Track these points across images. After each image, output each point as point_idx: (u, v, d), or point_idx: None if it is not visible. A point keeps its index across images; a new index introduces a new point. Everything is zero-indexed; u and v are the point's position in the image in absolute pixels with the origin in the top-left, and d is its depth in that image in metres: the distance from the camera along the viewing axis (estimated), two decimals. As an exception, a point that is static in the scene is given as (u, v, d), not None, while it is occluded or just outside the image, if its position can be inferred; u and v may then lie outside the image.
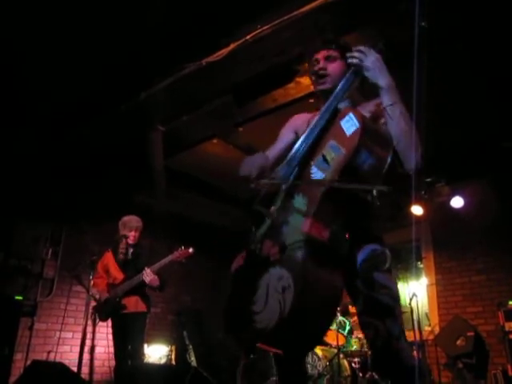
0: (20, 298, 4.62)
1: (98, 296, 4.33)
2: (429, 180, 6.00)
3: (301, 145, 1.81)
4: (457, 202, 5.80)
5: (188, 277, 7.05)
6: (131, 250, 4.27)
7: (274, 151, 2.09)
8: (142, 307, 4.04)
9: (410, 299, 5.03)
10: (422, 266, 6.59)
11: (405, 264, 6.04)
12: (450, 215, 6.05)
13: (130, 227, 4.27)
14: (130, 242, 4.25)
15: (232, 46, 3.62)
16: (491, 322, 5.57)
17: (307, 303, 1.45)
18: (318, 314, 1.50)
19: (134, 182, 5.60)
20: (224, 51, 3.65)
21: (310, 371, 4.74)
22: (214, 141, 5.24)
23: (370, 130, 1.64)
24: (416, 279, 6.28)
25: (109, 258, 4.32)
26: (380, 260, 1.65)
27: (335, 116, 1.73)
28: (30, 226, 5.09)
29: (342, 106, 1.82)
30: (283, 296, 1.45)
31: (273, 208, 1.74)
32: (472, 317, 5.73)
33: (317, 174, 1.67)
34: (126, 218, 4.35)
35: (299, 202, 1.67)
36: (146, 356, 4.22)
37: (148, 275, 3.87)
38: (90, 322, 4.64)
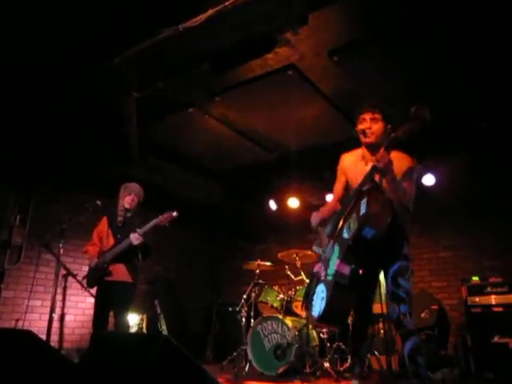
0: (-14, 265, 4.51)
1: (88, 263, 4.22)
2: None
3: (339, 212, 2.77)
4: (428, 179, 5.90)
5: (160, 247, 7.00)
6: (126, 216, 4.16)
7: (336, 193, 2.99)
8: (127, 277, 3.96)
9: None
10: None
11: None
12: (421, 192, 6.13)
13: (129, 191, 4.19)
14: (126, 205, 4.15)
15: (210, 11, 3.50)
16: (454, 297, 5.79)
17: (332, 309, 2.51)
18: (339, 314, 2.59)
19: (107, 149, 5.47)
20: (202, 17, 3.53)
21: (279, 341, 4.84)
22: (190, 110, 5.14)
23: (372, 213, 2.48)
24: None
25: (104, 225, 4.23)
26: (404, 271, 2.61)
27: (361, 195, 2.57)
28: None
29: (365, 188, 2.61)
30: (322, 302, 2.54)
31: (323, 250, 2.85)
32: (437, 291, 5.94)
33: (345, 234, 2.60)
34: (128, 183, 4.28)
35: (336, 249, 2.63)
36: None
37: (136, 238, 3.82)
38: (59, 291, 4.59)
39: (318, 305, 2.55)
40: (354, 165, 2.84)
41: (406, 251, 2.67)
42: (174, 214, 3.86)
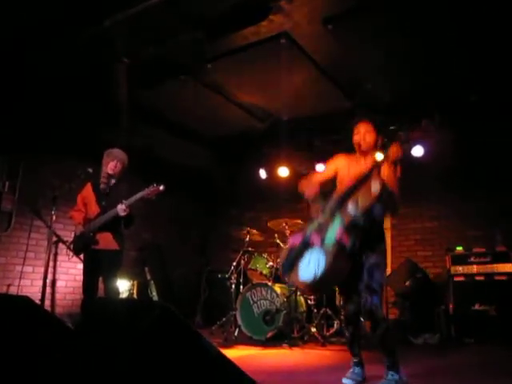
0: (-23, 231, 4.50)
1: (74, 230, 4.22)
2: (392, 128, 6.11)
3: (347, 189, 2.82)
4: (417, 151, 5.95)
5: (149, 214, 7.04)
6: (110, 183, 4.13)
7: (318, 178, 3.15)
8: (114, 245, 3.99)
9: (366, 242, 5.25)
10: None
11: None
12: (409, 163, 6.19)
13: (113, 157, 4.13)
14: (110, 171, 4.09)
15: (204, -25, 3.42)
16: (439, 266, 5.96)
17: (329, 275, 2.63)
18: (333, 280, 2.85)
19: (97, 115, 5.39)
20: (195, -20, 3.45)
21: (268, 307, 4.98)
22: (182, 77, 5.07)
23: (385, 193, 2.66)
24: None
25: (88, 191, 4.19)
26: (379, 265, 2.78)
27: (368, 177, 2.71)
28: (-16, 159, 4.86)
29: (374, 171, 2.72)
30: (317, 267, 2.61)
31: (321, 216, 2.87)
32: (422, 260, 6.10)
33: (351, 209, 2.71)
34: (111, 149, 4.20)
35: (337, 220, 2.74)
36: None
37: (123, 210, 3.82)
38: (50, 257, 4.61)
39: (312, 269, 2.63)
40: (347, 165, 3.10)
41: (383, 247, 2.93)
42: (161, 187, 3.85)
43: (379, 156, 2.82)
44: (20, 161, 5.38)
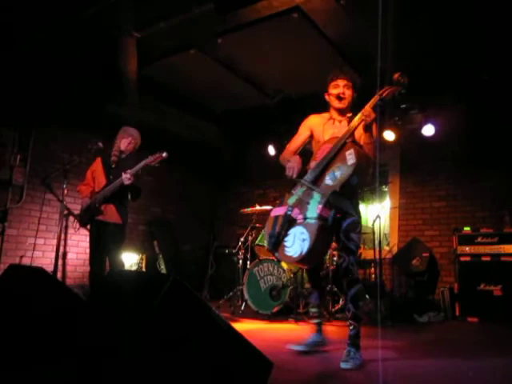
0: (-11, 204, 4.57)
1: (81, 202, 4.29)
2: (403, 107, 6.05)
3: (323, 160, 2.84)
4: (428, 129, 5.91)
5: (158, 189, 7.10)
6: (120, 157, 4.18)
7: (294, 144, 3.17)
8: (117, 219, 4.05)
9: (374, 221, 5.27)
10: (386, 189, 6.84)
11: (372, 187, 6.25)
12: (419, 142, 6.19)
13: (128, 134, 4.20)
14: (122, 147, 4.17)
15: None
16: (445, 245, 5.97)
17: (315, 249, 2.68)
18: (319, 253, 2.92)
19: (106, 89, 5.38)
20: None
21: (275, 282, 5.04)
22: (191, 51, 5.02)
23: (360, 163, 2.71)
24: (380, 202, 6.55)
25: (98, 165, 4.26)
26: (355, 226, 2.87)
27: (343, 147, 2.78)
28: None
29: (348, 141, 2.81)
30: (302, 243, 2.68)
31: (297, 195, 2.91)
32: (429, 239, 6.12)
33: (328, 181, 2.79)
34: (127, 126, 4.28)
35: (316, 196, 2.79)
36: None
37: (128, 178, 3.86)
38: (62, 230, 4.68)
39: (298, 246, 2.68)
40: (321, 124, 3.05)
41: (358, 209, 2.97)
42: (164, 154, 3.87)
43: (353, 120, 2.80)
44: (30, 134, 5.41)
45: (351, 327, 2.79)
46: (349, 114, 2.96)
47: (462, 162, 5.99)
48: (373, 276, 5.90)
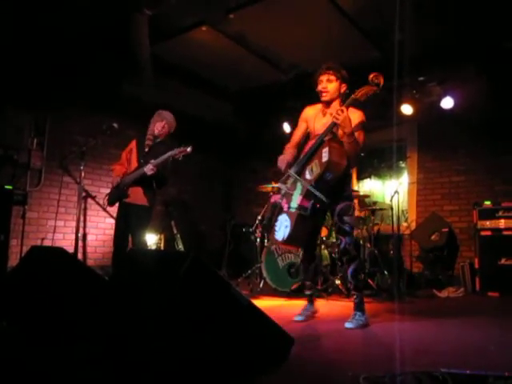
0: (10, 187, 4.62)
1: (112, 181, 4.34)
2: (421, 79, 5.89)
3: (305, 155, 3.17)
4: (447, 102, 5.76)
5: (174, 169, 7.10)
6: (155, 141, 4.19)
7: (294, 138, 3.45)
8: (143, 201, 4.08)
9: (392, 196, 5.21)
10: (404, 165, 6.75)
11: (389, 163, 6.17)
12: (437, 116, 6.05)
13: (162, 118, 4.20)
14: (156, 131, 4.18)
15: None
16: (465, 220, 5.89)
17: (294, 234, 3.02)
18: (300, 238, 3.14)
19: (120, 70, 5.35)
20: None
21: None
22: (204, 28, 4.95)
23: (333, 161, 2.95)
24: (398, 178, 6.47)
25: (133, 146, 4.30)
26: (347, 209, 3.16)
27: (322, 144, 3.05)
28: (13, 115, 4.90)
29: (326, 138, 3.06)
30: (285, 229, 3.03)
31: (285, 186, 3.25)
32: (448, 214, 6.04)
33: (307, 175, 3.09)
34: (163, 111, 4.27)
35: (299, 187, 3.12)
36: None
37: (150, 169, 3.89)
38: (81, 212, 4.74)
39: (282, 231, 3.06)
40: (314, 116, 3.30)
41: (348, 192, 3.27)
42: (189, 149, 3.87)
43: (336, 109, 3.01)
44: (46, 118, 5.44)
45: (355, 296, 3.20)
46: (339, 103, 3.20)
47: (481, 135, 5.85)
48: (391, 252, 5.86)
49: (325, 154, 2.95)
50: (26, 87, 5.08)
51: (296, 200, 3.05)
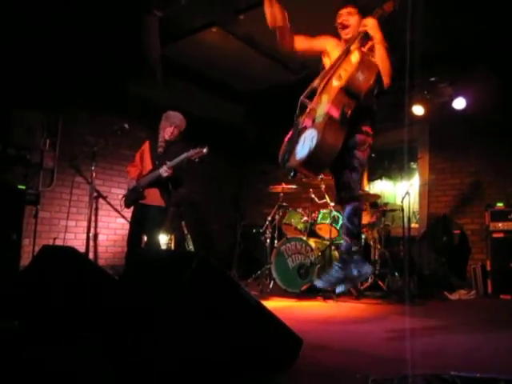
0: (23, 187, 4.68)
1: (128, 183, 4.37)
2: (432, 80, 5.85)
3: (327, 69, 2.90)
4: (459, 103, 5.70)
5: (185, 170, 7.13)
6: (166, 145, 4.22)
7: (308, 40, 3.15)
8: (159, 201, 4.12)
9: (403, 198, 5.17)
10: (415, 166, 6.70)
11: (400, 164, 6.12)
12: (449, 117, 6.00)
13: (171, 122, 4.20)
14: (166, 136, 4.20)
15: None
16: (477, 222, 5.82)
17: (324, 144, 2.63)
18: (329, 151, 2.69)
19: (130, 71, 5.39)
20: None
21: (302, 260, 5.04)
22: (214, 29, 4.96)
23: (364, 61, 2.75)
24: (409, 179, 6.42)
25: (146, 148, 4.33)
26: (362, 144, 2.84)
27: (349, 52, 2.83)
28: (26, 116, 4.96)
29: (352, 47, 2.84)
30: (311, 142, 2.63)
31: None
32: (459, 216, 5.97)
33: (335, 82, 2.78)
34: (170, 112, 4.27)
35: (325, 96, 2.79)
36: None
37: (165, 171, 3.91)
38: (92, 212, 4.79)
39: (308, 145, 2.66)
40: (333, 47, 3.08)
41: (368, 128, 2.89)
42: (205, 150, 3.88)
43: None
44: (58, 119, 5.50)
45: (342, 241, 2.92)
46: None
47: (493, 136, 5.78)
48: (402, 253, 5.82)
49: (354, 57, 2.73)
50: (38, 88, 5.14)
51: (323, 109, 2.70)
